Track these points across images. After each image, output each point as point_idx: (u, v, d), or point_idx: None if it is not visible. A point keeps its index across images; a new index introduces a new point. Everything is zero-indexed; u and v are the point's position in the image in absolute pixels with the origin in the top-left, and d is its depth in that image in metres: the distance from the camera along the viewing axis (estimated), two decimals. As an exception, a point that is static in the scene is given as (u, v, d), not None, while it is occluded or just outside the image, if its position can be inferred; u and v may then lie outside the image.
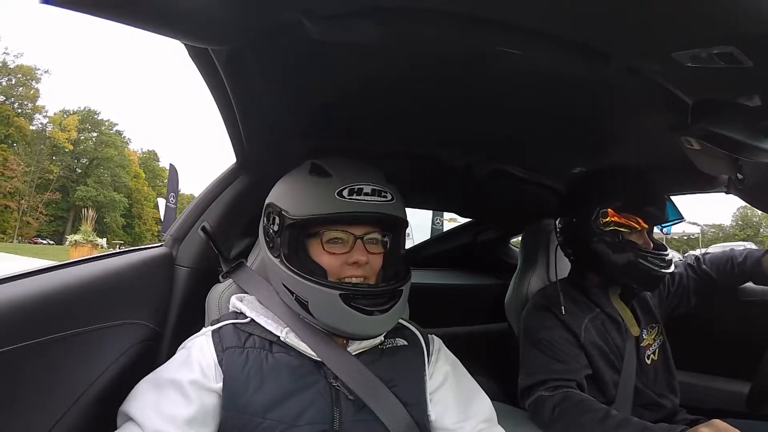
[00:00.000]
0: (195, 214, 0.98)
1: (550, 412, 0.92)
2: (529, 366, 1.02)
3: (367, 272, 0.70)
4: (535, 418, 0.96)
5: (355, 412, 0.66)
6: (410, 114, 0.93)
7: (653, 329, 1.09)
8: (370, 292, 0.68)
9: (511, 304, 1.31)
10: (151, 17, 0.47)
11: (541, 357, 1.00)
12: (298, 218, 0.69)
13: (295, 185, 0.73)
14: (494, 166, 1.20)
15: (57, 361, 0.60)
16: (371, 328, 0.69)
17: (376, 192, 0.69)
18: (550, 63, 0.65)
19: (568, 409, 0.90)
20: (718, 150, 0.66)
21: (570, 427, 0.88)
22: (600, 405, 0.90)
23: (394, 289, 0.70)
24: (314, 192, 0.69)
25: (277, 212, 0.71)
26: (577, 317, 1.03)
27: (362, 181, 0.69)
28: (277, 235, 0.71)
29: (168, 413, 0.61)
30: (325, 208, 0.67)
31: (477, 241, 2.00)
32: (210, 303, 0.86)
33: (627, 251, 0.99)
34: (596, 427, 0.85)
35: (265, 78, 0.75)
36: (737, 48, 0.46)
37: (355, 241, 0.70)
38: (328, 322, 0.67)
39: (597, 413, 0.87)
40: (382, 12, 0.56)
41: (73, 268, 0.70)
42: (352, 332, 0.68)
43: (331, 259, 0.69)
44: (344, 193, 0.67)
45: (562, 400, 0.92)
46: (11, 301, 0.54)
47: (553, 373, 0.97)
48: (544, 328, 1.03)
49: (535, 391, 0.97)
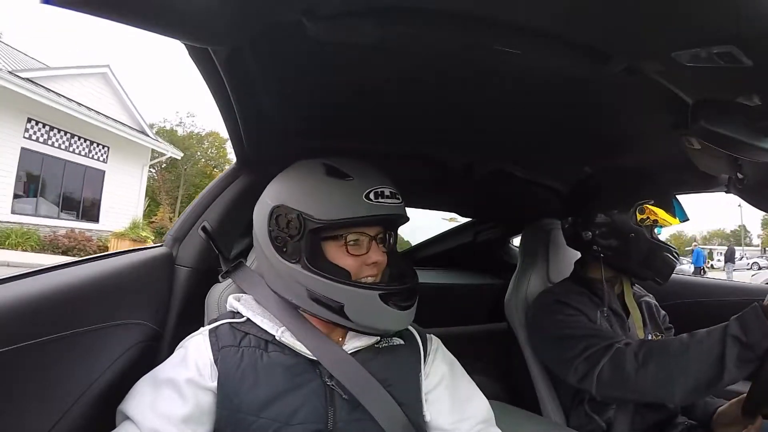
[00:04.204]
0: (195, 214, 0.98)
1: (633, 358, 0.86)
2: (575, 347, 0.95)
3: (380, 270, 0.72)
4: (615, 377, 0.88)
5: (349, 411, 0.66)
6: (410, 114, 0.93)
7: (657, 337, 1.09)
8: (403, 290, 0.71)
9: (511, 303, 1.30)
10: (150, 17, 0.47)
11: (585, 332, 0.97)
12: (326, 221, 0.67)
13: (315, 187, 0.70)
14: (494, 166, 1.20)
15: (57, 361, 0.60)
16: (404, 322, 0.72)
17: (392, 194, 0.70)
18: (551, 63, 0.66)
19: (652, 348, 0.87)
20: (719, 150, 0.66)
21: (663, 361, 0.84)
22: (677, 335, 0.88)
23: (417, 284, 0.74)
24: (340, 194, 0.68)
25: (295, 215, 0.68)
26: (590, 308, 1.04)
27: (382, 183, 0.70)
28: (296, 240, 0.68)
29: (164, 412, 0.61)
30: (355, 212, 0.67)
31: (477, 241, 2.00)
32: (210, 303, 0.86)
33: (657, 245, 1.02)
34: (687, 347, 0.82)
35: (265, 78, 0.75)
36: (737, 48, 0.46)
37: (370, 241, 0.71)
38: (366, 323, 0.68)
39: (682, 339, 0.85)
40: (382, 12, 0.56)
41: (73, 268, 0.70)
42: (389, 329, 0.72)
43: (354, 261, 0.70)
44: (371, 195, 0.68)
45: (641, 345, 0.88)
46: (12, 301, 0.54)
47: (609, 338, 0.93)
48: (566, 316, 1.02)
49: (603, 355, 0.90)
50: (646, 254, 1.02)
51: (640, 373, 0.85)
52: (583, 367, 0.93)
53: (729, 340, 0.78)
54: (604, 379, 0.90)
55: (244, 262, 0.84)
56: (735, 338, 0.78)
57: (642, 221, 1.02)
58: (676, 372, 0.82)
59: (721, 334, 0.80)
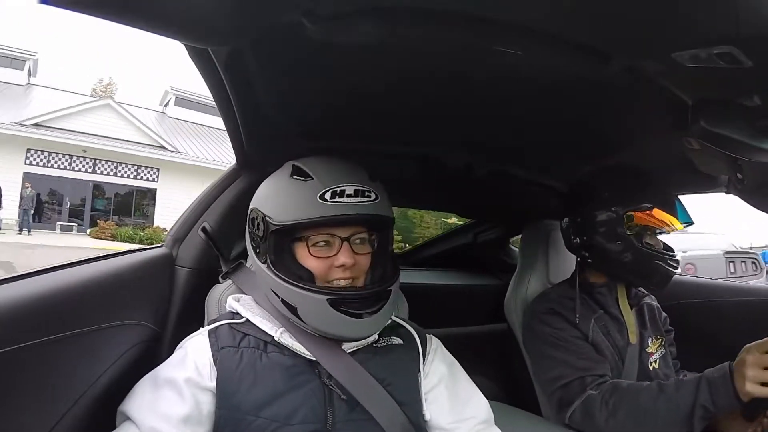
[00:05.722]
0: (195, 215, 0.98)
1: (604, 407, 0.88)
2: (553, 371, 0.99)
3: (355, 273, 0.70)
4: (585, 423, 0.91)
5: (347, 412, 0.66)
6: (410, 114, 0.93)
7: (657, 340, 1.08)
8: (357, 296, 0.68)
9: (510, 304, 1.30)
10: (150, 18, 0.47)
11: (565, 356, 0.98)
12: (282, 224, 0.67)
13: (276, 189, 0.72)
14: (495, 167, 1.20)
15: (57, 361, 0.60)
16: (361, 331, 0.69)
17: (359, 192, 0.68)
18: (551, 63, 0.65)
19: (623, 396, 0.88)
20: (718, 150, 0.66)
21: (632, 412, 0.86)
22: (647, 382, 0.89)
23: (382, 291, 0.70)
24: (296, 196, 0.68)
25: (261, 218, 0.70)
26: (583, 317, 1.03)
27: (344, 181, 0.68)
28: (263, 241, 0.70)
29: (164, 412, 0.61)
30: (307, 213, 0.66)
31: (477, 241, 1.99)
32: (209, 303, 0.86)
33: (648, 253, 0.99)
34: (656, 401, 0.84)
35: (265, 78, 0.75)
36: (737, 48, 0.46)
37: (341, 243, 0.69)
38: (317, 326, 0.67)
39: (651, 390, 0.86)
40: (382, 12, 0.56)
41: (73, 269, 0.70)
42: (341, 335, 0.68)
43: (318, 263, 0.69)
44: (326, 195, 0.66)
45: (611, 390, 0.90)
46: (12, 301, 0.54)
47: (584, 371, 0.95)
48: (556, 330, 1.02)
49: (576, 395, 0.93)
50: (636, 262, 0.99)
51: (609, 422, 0.87)
52: (557, 398, 0.97)
53: (698, 408, 0.80)
54: (576, 422, 0.93)
55: (244, 263, 0.84)
56: (703, 406, 0.79)
57: (630, 228, 1.00)
58: (644, 424, 0.84)
59: (691, 398, 0.81)
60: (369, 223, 0.71)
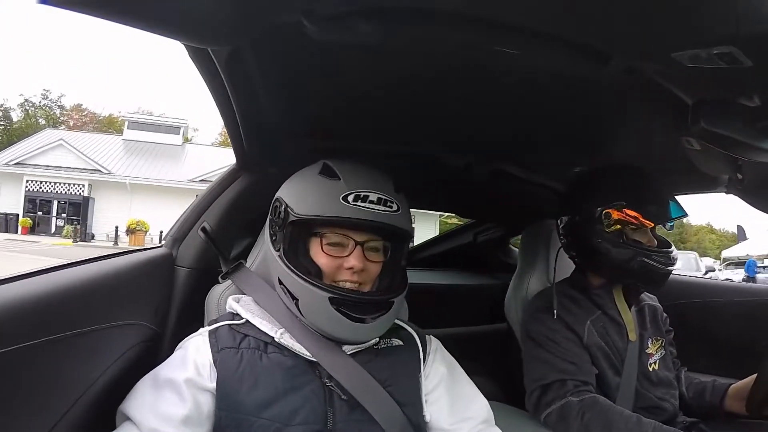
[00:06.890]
0: (195, 215, 0.98)
1: (579, 419, 0.89)
2: (536, 370, 1.00)
3: (363, 278, 0.70)
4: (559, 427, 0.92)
5: (348, 412, 0.66)
6: (410, 114, 0.93)
7: (657, 341, 1.08)
8: (357, 300, 0.69)
9: (510, 304, 1.30)
10: (149, 18, 0.47)
11: (550, 358, 0.98)
12: (301, 216, 0.69)
13: (303, 183, 0.74)
14: (494, 167, 1.20)
15: (57, 361, 0.59)
16: (359, 334, 0.70)
17: (382, 201, 0.69)
18: (551, 63, 0.65)
19: (599, 415, 0.88)
20: (718, 150, 0.66)
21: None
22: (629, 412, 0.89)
23: (384, 300, 0.71)
24: (320, 192, 0.70)
25: (283, 207, 0.72)
26: (579, 318, 1.03)
27: (370, 188, 0.69)
28: (281, 230, 0.72)
29: (164, 412, 0.61)
30: (328, 211, 0.68)
31: (477, 241, 1.99)
32: (209, 304, 0.86)
33: (631, 250, 0.98)
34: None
35: (265, 78, 0.75)
36: (737, 48, 0.46)
37: (355, 246, 0.70)
38: (315, 323, 0.68)
39: (629, 419, 0.87)
40: (382, 12, 0.56)
41: (73, 269, 0.70)
42: (339, 337, 0.69)
43: (328, 261, 0.70)
44: (350, 198, 0.68)
45: (591, 405, 0.90)
46: (12, 301, 0.54)
47: (566, 373, 0.95)
48: (548, 329, 1.02)
49: (555, 398, 0.93)
50: (620, 260, 0.98)
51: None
52: (535, 397, 0.98)
53: None
54: (550, 424, 0.94)
55: (244, 263, 0.84)
56: None
57: (609, 225, 0.99)
58: None
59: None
60: (385, 232, 0.72)
